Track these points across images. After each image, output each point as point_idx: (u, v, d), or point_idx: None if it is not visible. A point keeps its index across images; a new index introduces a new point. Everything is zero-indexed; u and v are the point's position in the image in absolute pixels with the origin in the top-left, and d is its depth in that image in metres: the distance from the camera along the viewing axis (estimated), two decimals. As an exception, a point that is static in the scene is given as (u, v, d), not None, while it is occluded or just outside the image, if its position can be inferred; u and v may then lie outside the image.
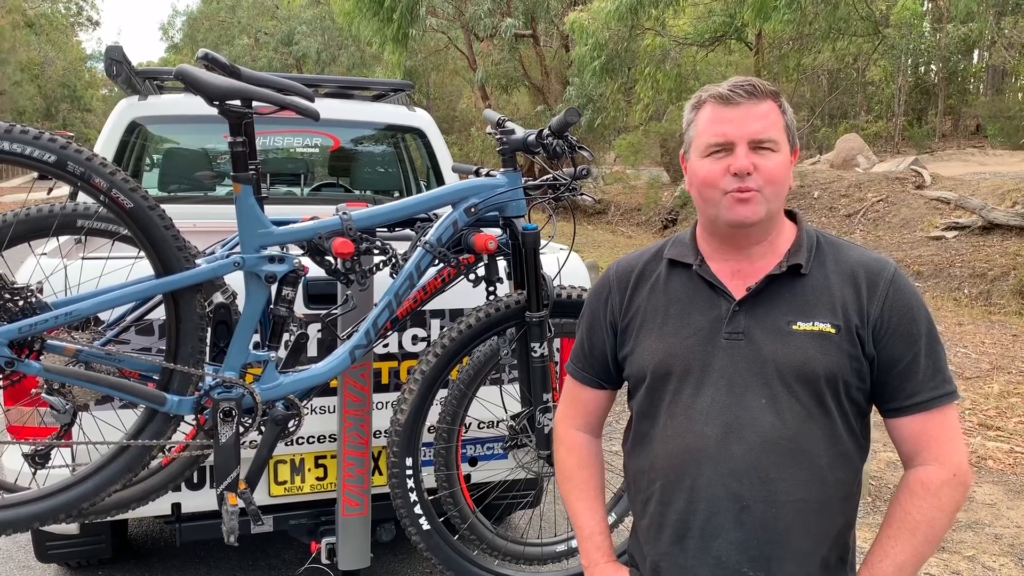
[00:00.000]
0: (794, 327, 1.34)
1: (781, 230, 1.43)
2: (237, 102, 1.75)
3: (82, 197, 2.14)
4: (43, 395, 1.82)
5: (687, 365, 1.39)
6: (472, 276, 2.10)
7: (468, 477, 2.51)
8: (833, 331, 1.33)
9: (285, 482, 2.48)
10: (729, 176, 1.34)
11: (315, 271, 1.97)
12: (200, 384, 1.81)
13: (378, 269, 2.00)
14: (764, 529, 1.31)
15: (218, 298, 1.86)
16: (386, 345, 2.40)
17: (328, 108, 3.09)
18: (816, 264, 1.39)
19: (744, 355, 1.35)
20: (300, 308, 2.20)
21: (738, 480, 1.32)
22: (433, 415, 2.09)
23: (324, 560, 2.42)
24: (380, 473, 2.47)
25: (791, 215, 1.47)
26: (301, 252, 1.92)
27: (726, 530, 1.33)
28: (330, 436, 2.44)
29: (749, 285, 1.38)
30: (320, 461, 2.50)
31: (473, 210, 2.00)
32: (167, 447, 1.97)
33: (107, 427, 2.07)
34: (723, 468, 1.33)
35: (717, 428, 1.34)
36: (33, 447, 1.90)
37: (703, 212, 1.43)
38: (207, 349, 1.84)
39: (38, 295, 1.71)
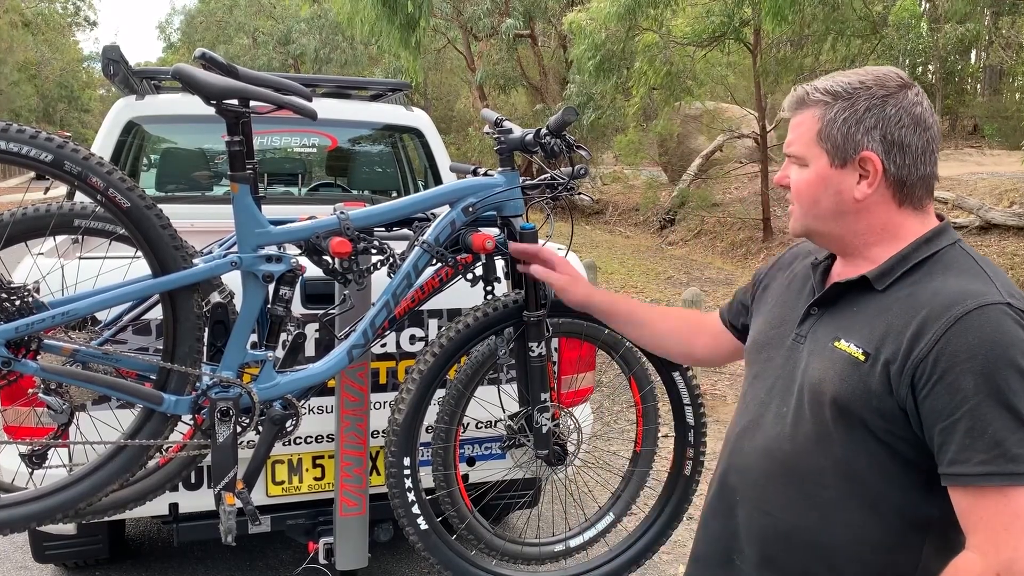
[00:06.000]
0: (835, 344, 1.24)
1: (901, 238, 1.25)
2: (234, 101, 1.74)
3: (79, 197, 2.14)
4: (40, 395, 1.82)
5: (760, 353, 1.41)
6: (470, 276, 2.10)
7: (466, 477, 2.51)
8: (862, 358, 1.19)
9: (283, 482, 2.47)
10: None
11: (313, 271, 1.97)
12: (197, 384, 1.81)
13: (376, 269, 1.99)
14: (750, 531, 1.34)
15: (215, 298, 1.85)
16: (384, 345, 2.40)
17: (326, 108, 3.09)
18: (905, 282, 1.22)
19: (793, 360, 1.31)
20: (298, 308, 2.20)
21: (738, 475, 1.36)
22: (431, 415, 2.09)
23: (322, 560, 2.42)
24: (378, 473, 2.47)
25: (939, 219, 1.29)
26: (298, 252, 1.92)
27: (721, 515, 1.39)
28: (328, 436, 2.44)
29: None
30: (318, 461, 2.50)
31: (471, 209, 2.00)
32: (164, 447, 1.96)
33: (104, 427, 2.06)
34: (734, 459, 1.39)
35: (745, 420, 1.38)
36: (30, 447, 1.89)
37: None
38: (204, 349, 1.84)
39: (35, 295, 1.71)
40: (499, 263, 2.14)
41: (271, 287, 1.85)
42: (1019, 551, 1.07)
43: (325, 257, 1.92)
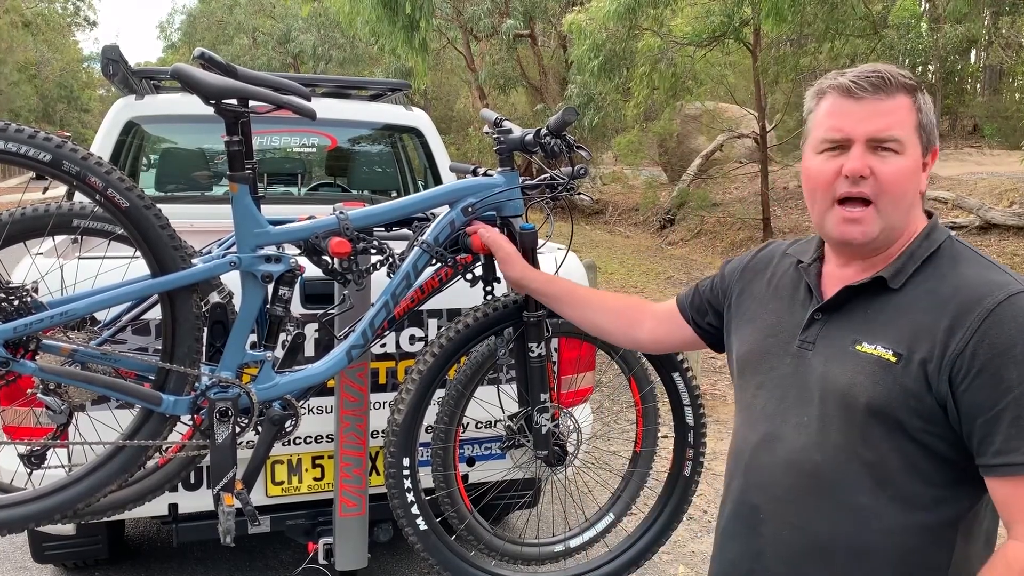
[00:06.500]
0: (857, 347, 1.21)
1: (908, 237, 1.25)
2: (233, 101, 1.74)
3: (78, 196, 2.14)
4: (39, 395, 1.81)
5: (760, 364, 1.35)
6: (469, 276, 2.09)
7: (466, 477, 2.51)
8: (894, 359, 1.16)
9: (282, 482, 2.47)
10: (841, 178, 1.20)
11: (312, 271, 1.97)
12: (196, 384, 1.81)
13: (375, 269, 1.99)
14: (779, 548, 1.27)
15: (214, 298, 1.85)
16: (383, 345, 2.40)
17: (325, 108, 3.09)
18: (918, 280, 1.21)
19: (805, 368, 1.27)
20: (297, 308, 2.19)
21: (760, 491, 1.30)
22: (430, 415, 2.08)
23: (321, 560, 2.42)
24: (377, 473, 2.47)
25: (928, 215, 1.29)
26: (298, 252, 1.92)
27: (741, 536, 1.32)
28: (327, 436, 2.44)
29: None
30: (317, 461, 2.50)
31: (470, 209, 1.99)
32: (163, 447, 1.96)
33: (103, 427, 2.06)
34: (751, 476, 1.32)
35: (759, 435, 1.31)
36: (29, 447, 1.89)
37: (812, 216, 1.30)
38: (203, 349, 1.84)
39: (33, 295, 1.70)
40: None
41: (270, 287, 1.85)
42: None
43: (324, 257, 1.91)
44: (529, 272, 1.86)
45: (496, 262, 1.95)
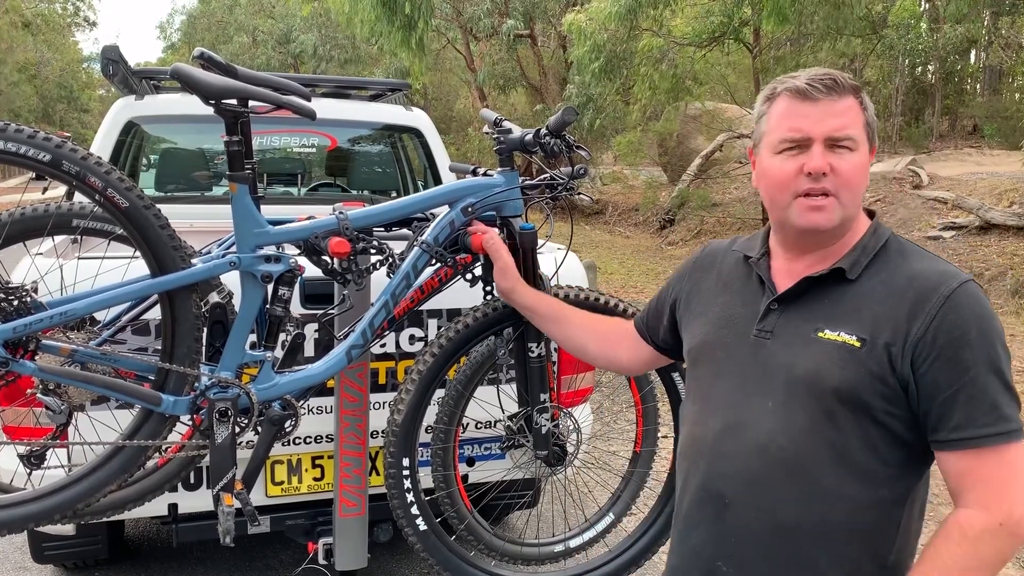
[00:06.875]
0: (819, 335, 1.27)
1: (856, 233, 1.34)
2: (233, 101, 1.74)
3: (78, 196, 2.14)
4: (38, 395, 1.81)
5: (715, 354, 1.40)
6: (469, 276, 2.09)
7: (465, 477, 2.51)
8: (858, 344, 1.23)
9: (282, 482, 2.47)
10: (802, 176, 1.27)
11: (312, 271, 1.96)
12: (196, 384, 1.81)
13: (375, 269, 1.99)
14: (746, 532, 1.31)
15: (214, 298, 1.85)
16: (383, 345, 2.39)
17: (325, 108, 3.09)
18: (871, 271, 1.29)
19: (765, 355, 1.33)
20: (297, 308, 2.19)
21: (724, 478, 1.33)
22: (430, 415, 2.08)
23: (321, 561, 2.42)
24: (377, 473, 2.47)
25: (869, 214, 1.38)
26: (297, 252, 1.92)
27: (706, 522, 1.36)
28: (327, 436, 2.44)
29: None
30: (317, 461, 2.50)
31: (470, 209, 1.99)
32: (163, 447, 1.96)
33: (103, 427, 2.06)
34: (714, 464, 1.35)
35: (719, 423, 1.35)
36: (28, 448, 1.89)
37: (772, 213, 1.37)
38: (203, 349, 1.84)
39: (33, 295, 1.70)
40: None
41: (270, 287, 1.85)
42: (1017, 502, 1.18)
43: (324, 257, 1.91)
44: (520, 286, 1.89)
45: (493, 269, 1.95)
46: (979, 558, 1.17)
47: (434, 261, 2.00)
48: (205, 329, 1.83)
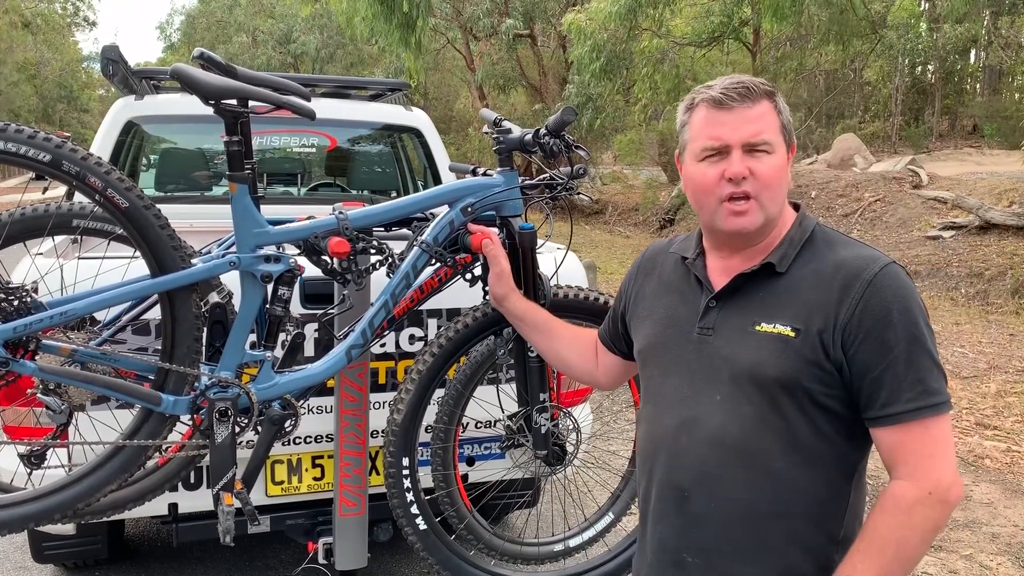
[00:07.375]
0: (757, 328, 1.33)
1: (783, 227, 1.40)
2: (233, 101, 1.74)
3: (78, 197, 2.14)
4: (39, 395, 1.81)
5: (663, 354, 1.46)
6: (469, 276, 2.10)
7: (465, 477, 2.51)
8: (792, 335, 1.30)
9: (282, 482, 2.47)
10: (724, 181, 1.34)
11: (311, 270, 1.97)
12: (196, 384, 1.81)
13: (374, 269, 1.99)
14: (706, 521, 1.36)
15: (214, 298, 1.85)
16: (383, 345, 2.40)
17: (325, 108, 3.09)
18: (800, 262, 1.35)
19: (709, 351, 1.38)
20: (296, 308, 2.19)
21: (682, 471, 1.38)
22: (430, 415, 2.09)
23: (321, 560, 2.42)
24: (377, 473, 2.47)
25: (795, 207, 1.44)
26: (297, 252, 1.92)
27: (669, 515, 1.41)
28: (327, 436, 2.44)
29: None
30: (317, 461, 2.50)
31: (470, 209, 1.99)
32: (163, 447, 1.96)
33: (103, 427, 2.06)
34: (672, 459, 1.40)
35: (674, 419, 1.41)
36: (29, 447, 1.89)
37: (700, 217, 1.44)
38: (203, 349, 1.84)
39: (33, 295, 1.70)
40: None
41: (270, 287, 1.85)
42: (944, 471, 1.25)
43: (324, 257, 1.91)
44: (514, 295, 1.90)
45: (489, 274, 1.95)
46: (913, 527, 1.24)
47: (434, 261, 2.00)
48: (205, 329, 1.84)
